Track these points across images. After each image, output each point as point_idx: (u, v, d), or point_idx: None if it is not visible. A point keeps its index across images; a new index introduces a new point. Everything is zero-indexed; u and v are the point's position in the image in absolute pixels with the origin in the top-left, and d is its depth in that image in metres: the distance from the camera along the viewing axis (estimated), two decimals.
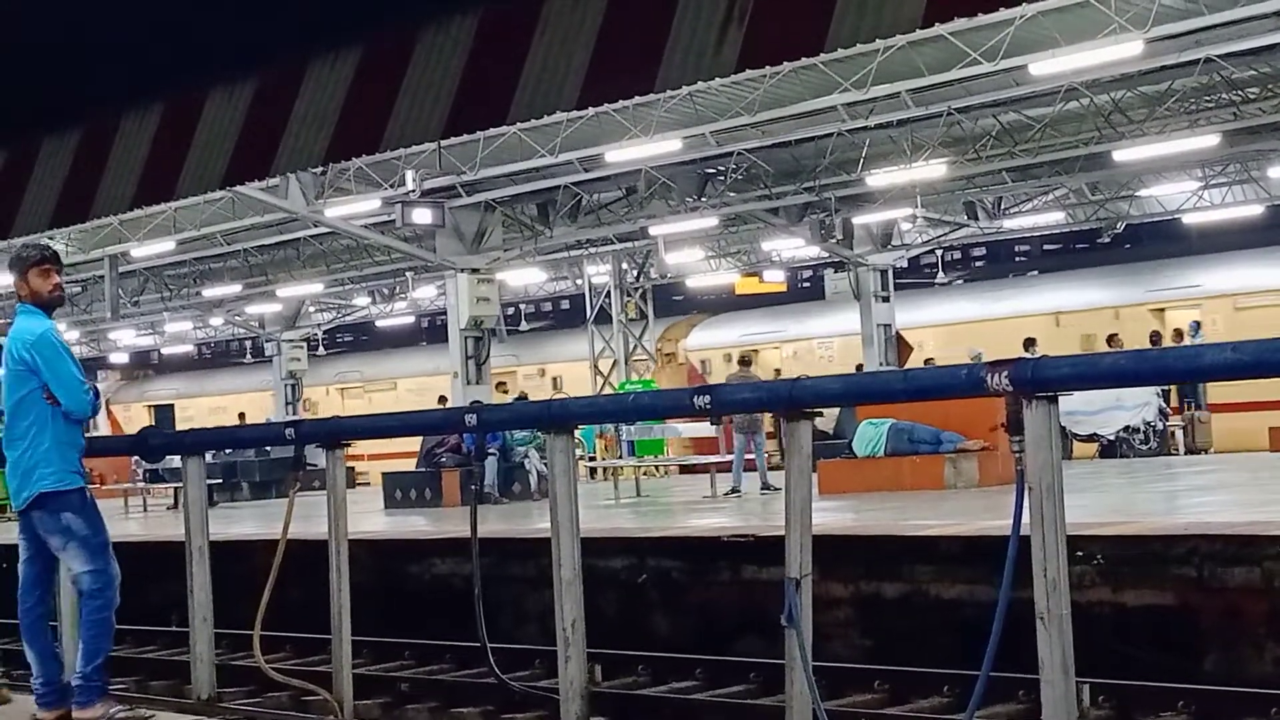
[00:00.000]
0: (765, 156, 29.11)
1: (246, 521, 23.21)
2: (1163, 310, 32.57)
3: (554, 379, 42.92)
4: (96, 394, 8.58)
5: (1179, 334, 30.18)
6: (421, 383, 43.76)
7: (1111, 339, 29.43)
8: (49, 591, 8.53)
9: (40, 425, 8.16)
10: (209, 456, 12.12)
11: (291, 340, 44.88)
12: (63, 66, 7.26)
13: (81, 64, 7.23)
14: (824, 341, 38.64)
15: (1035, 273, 42.74)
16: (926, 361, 31.75)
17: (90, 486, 8.44)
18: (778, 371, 36.29)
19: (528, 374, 43.47)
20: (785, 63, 7.43)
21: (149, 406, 54.51)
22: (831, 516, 15.67)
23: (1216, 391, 27.82)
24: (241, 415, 43.98)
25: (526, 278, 42.76)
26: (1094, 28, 21.42)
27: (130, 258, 36.27)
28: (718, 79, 5.49)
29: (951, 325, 35.64)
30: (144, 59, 6.91)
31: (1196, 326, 29.91)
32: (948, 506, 16.56)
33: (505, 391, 30.77)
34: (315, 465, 12.28)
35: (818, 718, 7.40)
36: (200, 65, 6.79)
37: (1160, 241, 41.05)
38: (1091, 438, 27.13)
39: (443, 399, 33.77)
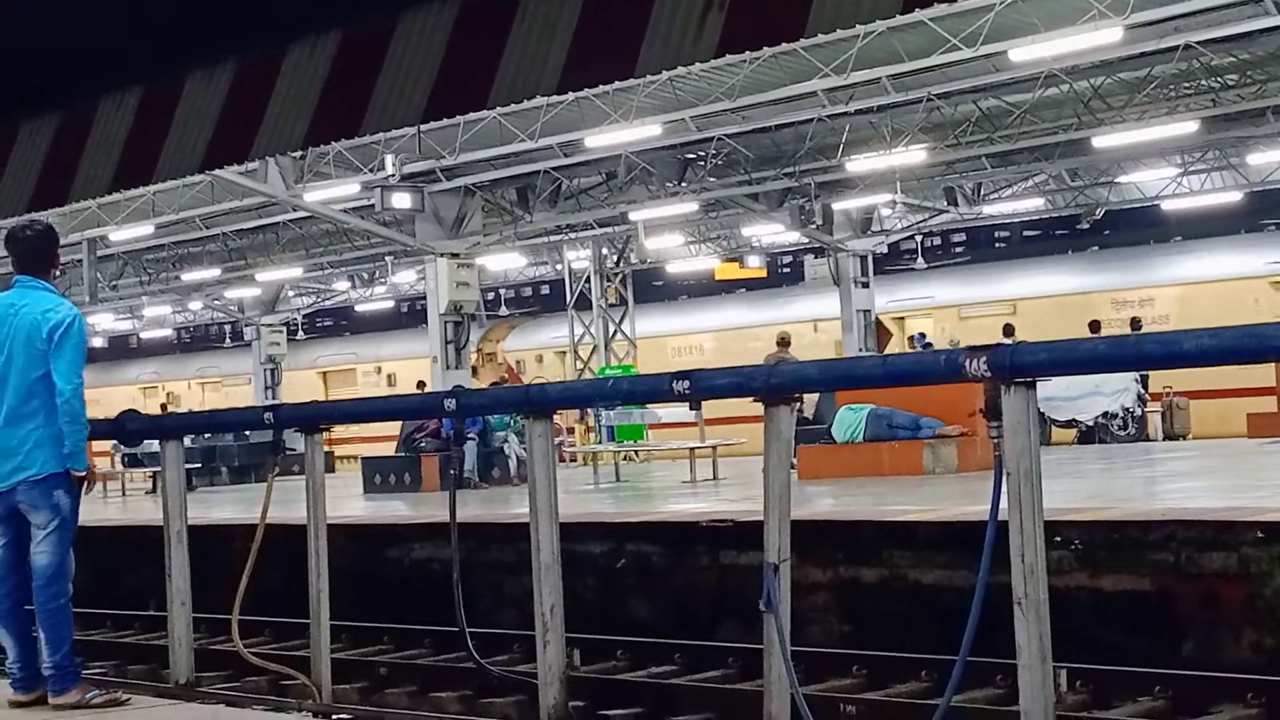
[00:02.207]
0: (745, 142, 29.09)
1: (225, 506, 23.16)
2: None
3: (389, 376, 45.31)
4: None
5: (911, 341, 30.76)
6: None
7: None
8: (25, 575, 8.50)
9: (51, 405, 8.15)
10: (187, 441, 12.10)
11: (271, 325, 44.78)
12: (41, 49, 7.23)
13: (60, 47, 7.21)
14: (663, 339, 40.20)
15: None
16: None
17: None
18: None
19: (366, 371, 46.68)
20: (765, 48, 7.43)
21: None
22: (810, 501, 15.69)
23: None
24: None
25: (506, 263, 42.71)
26: (1073, 14, 21.45)
27: (109, 241, 36.16)
28: (698, 64, 5.48)
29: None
30: (123, 42, 6.89)
31: (922, 336, 30.93)
32: (926, 492, 16.58)
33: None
34: (294, 450, 12.28)
35: (796, 702, 7.41)
36: (180, 48, 6.77)
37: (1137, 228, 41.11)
38: (1070, 423, 27.18)
39: (421, 384, 33.74)
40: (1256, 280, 31.12)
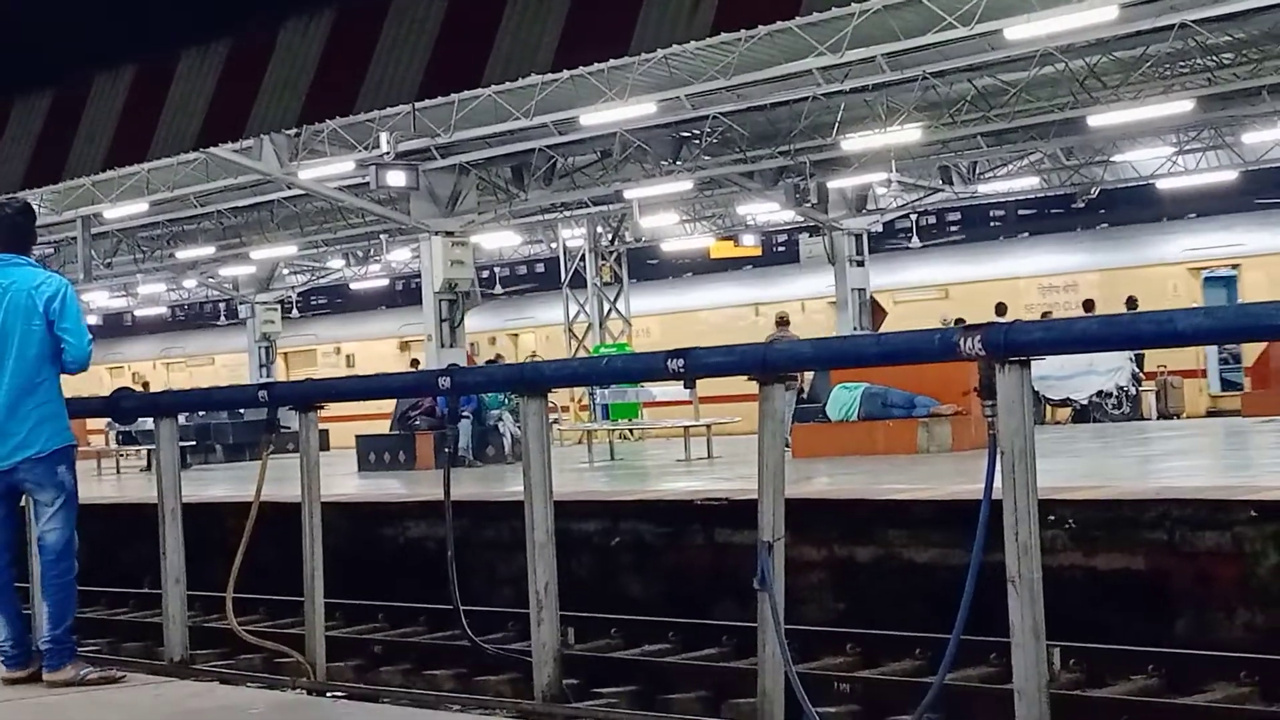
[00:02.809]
0: (740, 120, 29.05)
1: (220, 484, 23.18)
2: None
3: (348, 356, 46.27)
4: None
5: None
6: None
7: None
8: (19, 553, 8.50)
9: (55, 380, 8.16)
10: (182, 418, 12.11)
11: (265, 302, 44.74)
12: (33, 28, 7.21)
13: (52, 25, 7.20)
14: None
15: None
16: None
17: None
18: (533, 354, 38.11)
19: (325, 352, 47.75)
20: (760, 26, 7.42)
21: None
22: (804, 480, 15.70)
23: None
24: None
25: (501, 241, 42.67)
26: None
27: (103, 219, 36.10)
28: (693, 42, 5.47)
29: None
30: (116, 20, 6.87)
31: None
32: (920, 470, 16.60)
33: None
34: (288, 428, 12.28)
35: (790, 680, 7.42)
36: (173, 25, 6.76)
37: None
38: (1064, 402, 27.21)
39: (415, 362, 33.76)
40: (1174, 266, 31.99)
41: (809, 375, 23.71)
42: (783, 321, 25.04)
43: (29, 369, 8.09)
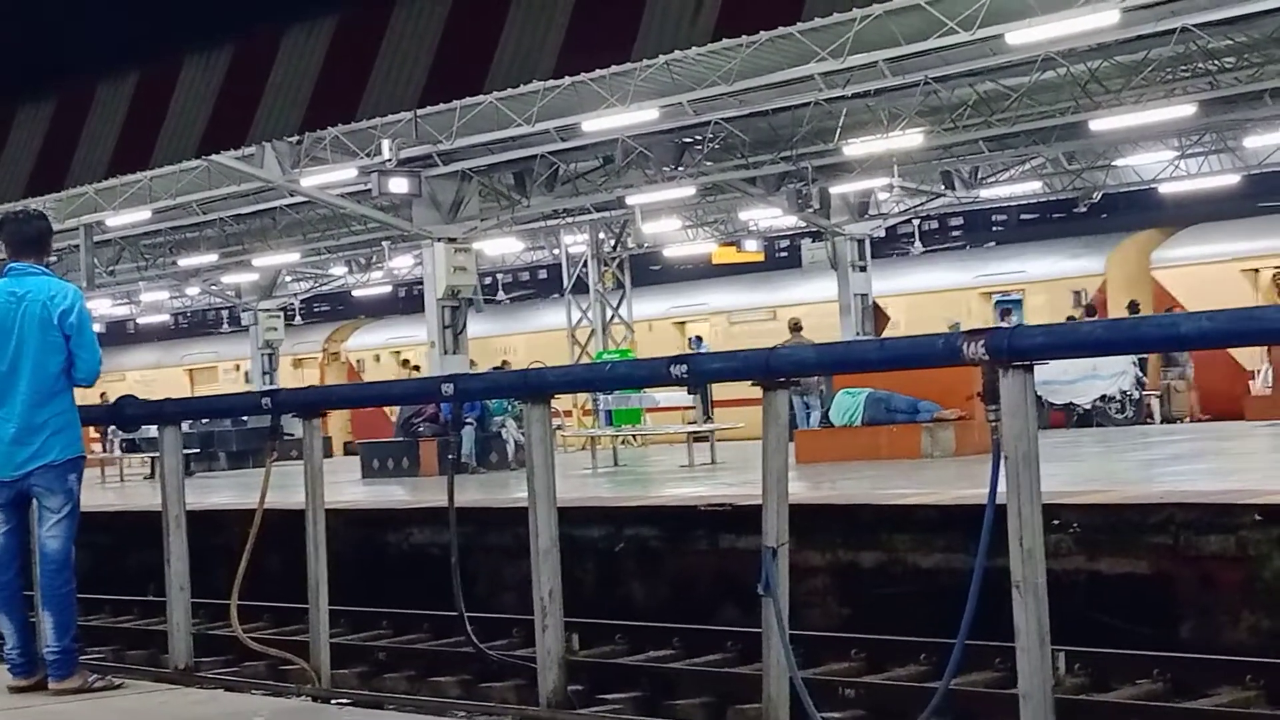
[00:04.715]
0: (742, 126, 29.03)
1: (223, 491, 23.18)
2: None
3: (246, 373, 47.49)
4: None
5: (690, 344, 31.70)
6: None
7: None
8: (26, 562, 8.51)
9: (69, 390, 8.19)
10: (185, 426, 12.11)
11: (268, 310, 44.73)
12: (37, 35, 7.22)
13: (56, 32, 7.20)
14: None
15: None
16: None
17: None
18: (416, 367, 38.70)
19: (226, 369, 49.63)
20: (762, 32, 7.42)
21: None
22: (808, 485, 15.69)
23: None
24: None
25: (503, 247, 42.66)
26: None
27: (105, 227, 36.07)
28: (695, 48, 5.47)
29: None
30: (119, 27, 6.88)
31: (699, 340, 32.50)
32: (924, 475, 16.60)
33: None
34: (292, 435, 12.28)
35: (795, 686, 7.42)
36: (176, 33, 6.76)
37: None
38: (1068, 407, 27.20)
39: (416, 367, 33.79)
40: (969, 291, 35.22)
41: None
42: (796, 328, 25.02)
43: (46, 379, 8.13)
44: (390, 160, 28.55)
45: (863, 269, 35.11)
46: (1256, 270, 30.70)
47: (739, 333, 36.89)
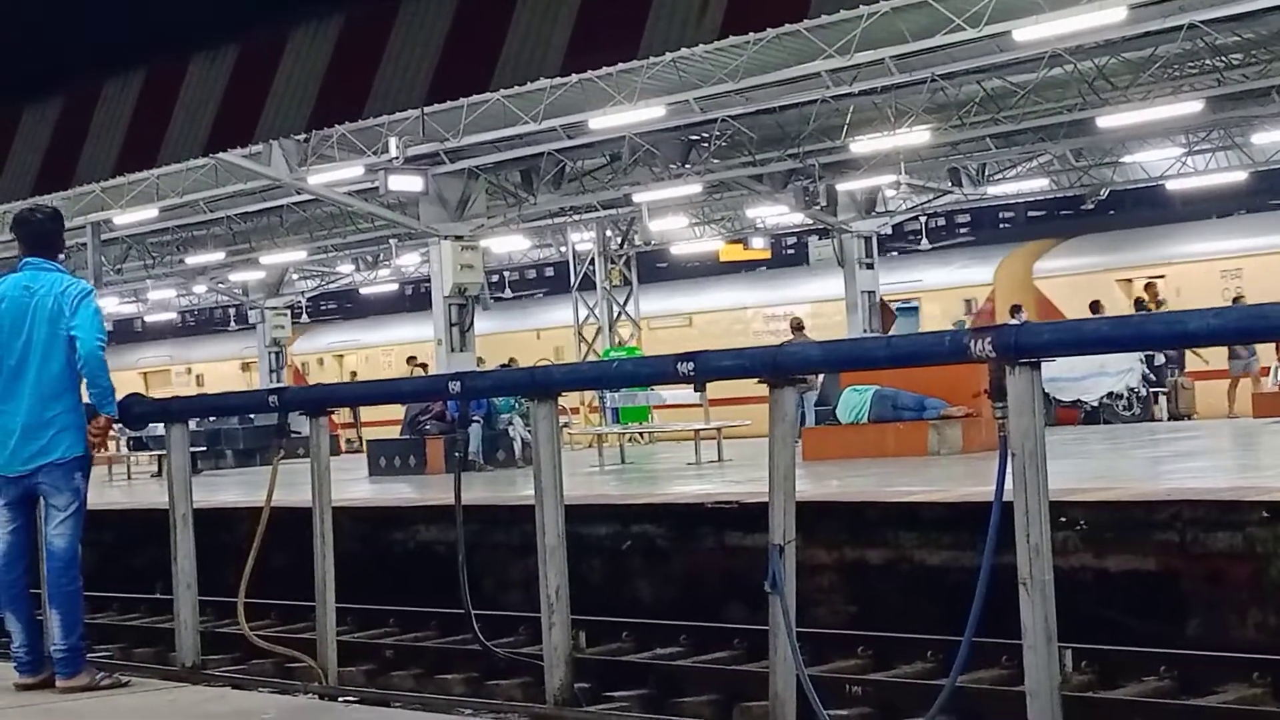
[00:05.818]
0: (749, 123, 29.02)
1: (230, 489, 23.19)
2: None
3: (198, 376, 50.38)
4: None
5: None
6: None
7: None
8: (33, 559, 8.51)
9: (77, 388, 8.19)
10: (192, 424, 12.11)
11: (275, 308, 44.75)
12: (44, 33, 7.22)
13: (63, 30, 7.20)
14: (385, 349, 45.69)
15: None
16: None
17: None
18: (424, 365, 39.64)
19: (178, 372, 51.54)
20: (769, 29, 7.42)
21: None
22: (815, 483, 15.68)
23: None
24: None
25: (510, 245, 42.67)
26: None
27: (113, 225, 36.10)
28: (701, 45, 5.47)
29: None
30: (126, 25, 6.88)
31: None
32: (931, 473, 16.59)
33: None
34: (299, 433, 12.28)
35: (801, 683, 7.42)
36: (183, 31, 6.76)
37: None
38: (1075, 404, 27.17)
39: (424, 365, 33.78)
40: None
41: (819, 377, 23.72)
42: (798, 327, 25.00)
43: (55, 375, 8.13)
44: (397, 158, 28.54)
45: (870, 266, 35.10)
46: (1130, 280, 32.88)
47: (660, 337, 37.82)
